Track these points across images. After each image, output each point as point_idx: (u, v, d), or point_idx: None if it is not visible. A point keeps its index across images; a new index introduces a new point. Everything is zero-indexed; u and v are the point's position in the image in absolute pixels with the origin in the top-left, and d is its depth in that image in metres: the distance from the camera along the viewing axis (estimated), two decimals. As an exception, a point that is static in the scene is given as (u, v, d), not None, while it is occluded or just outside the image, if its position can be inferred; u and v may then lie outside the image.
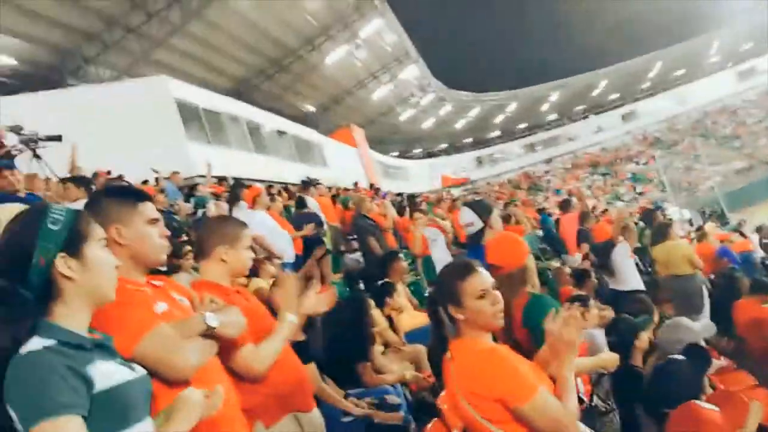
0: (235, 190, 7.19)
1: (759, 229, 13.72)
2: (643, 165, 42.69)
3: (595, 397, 2.82)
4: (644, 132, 48.67)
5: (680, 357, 2.86)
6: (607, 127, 51.02)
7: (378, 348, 4.16)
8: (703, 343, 3.04)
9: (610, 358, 2.81)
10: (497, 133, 51.11)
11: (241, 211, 6.19)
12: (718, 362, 4.13)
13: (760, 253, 10.80)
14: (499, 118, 47.54)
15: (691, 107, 48.87)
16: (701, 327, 3.10)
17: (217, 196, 9.59)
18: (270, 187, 12.35)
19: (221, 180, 12.43)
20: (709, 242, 9.46)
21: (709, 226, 11.79)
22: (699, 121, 47.40)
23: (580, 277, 6.06)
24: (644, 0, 47.87)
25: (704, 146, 38.97)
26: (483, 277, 1.99)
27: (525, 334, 2.50)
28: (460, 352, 1.92)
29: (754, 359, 5.61)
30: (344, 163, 25.41)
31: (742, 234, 13.65)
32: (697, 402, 2.59)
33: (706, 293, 6.47)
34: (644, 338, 3.28)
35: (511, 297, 2.21)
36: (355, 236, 8.34)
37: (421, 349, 4.17)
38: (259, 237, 4.96)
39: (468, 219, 3.70)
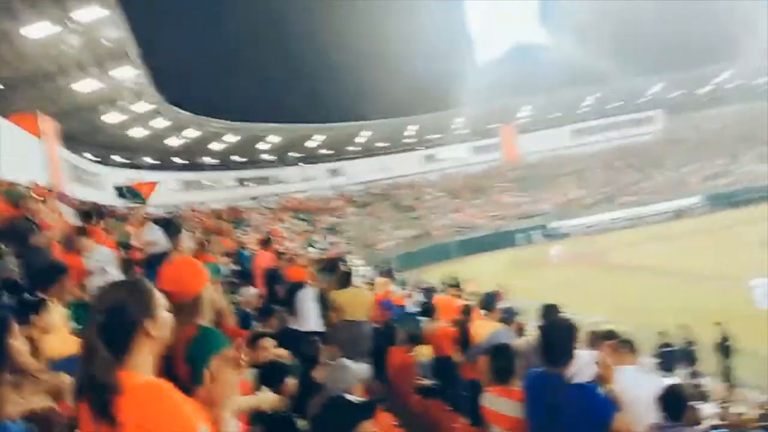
0: None
1: (416, 288, 16.08)
2: (339, 218, 46.81)
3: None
4: (344, 190, 53.80)
5: (349, 396, 3.03)
6: (314, 178, 54.83)
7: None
8: (359, 384, 3.29)
9: (269, 398, 2.81)
10: (213, 160, 50.14)
11: None
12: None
13: (412, 308, 12.57)
14: (217, 146, 46.78)
15: (387, 175, 56.18)
16: (360, 369, 3.36)
17: None
18: None
19: None
20: (377, 293, 10.68)
21: (379, 280, 13.32)
22: (390, 189, 54.61)
23: (262, 313, 6.12)
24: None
25: (390, 212, 44.75)
26: None
27: (186, 370, 2.31)
28: (125, 384, 1.65)
29: (399, 402, 6.39)
30: (20, 153, 21.50)
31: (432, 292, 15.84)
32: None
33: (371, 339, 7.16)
34: (291, 383, 3.45)
35: (178, 328, 2.01)
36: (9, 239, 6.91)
37: (64, 380, 3.55)
38: None
39: (152, 237, 3.38)
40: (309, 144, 53.95)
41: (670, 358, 12.94)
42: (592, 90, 56.83)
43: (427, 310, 7.57)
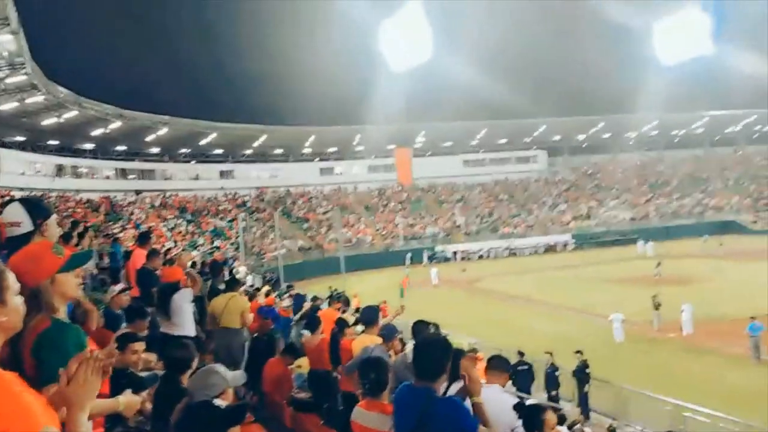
0: None
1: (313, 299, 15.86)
2: (227, 222, 45.23)
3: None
4: (236, 193, 52.14)
5: (218, 401, 2.88)
6: (204, 177, 52.66)
7: None
8: (229, 391, 3.14)
9: (128, 401, 2.60)
10: (91, 146, 46.41)
11: None
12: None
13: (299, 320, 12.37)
14: (97, 131, 43.35)
15: (281, 183, 55.27)
16: (232, 376, 3.20)
17: None
18: None
19: None
20: (259, 302, 10.39)
21: (264, 289, 13.00)
22: (283, 197, 53.76)
23: (132, 314, 5.69)
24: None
25: (280, 220, 43.93)
26: None
27: (31, 363, 2.07)
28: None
29: (271, 413, 6.20)
30: None
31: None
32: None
33: (247, 348, 6.92)
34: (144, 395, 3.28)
35: (26, 319, 1.79)
36: None
37: None
38: None
39: (15, 217, 3.01)
40: (202, 142, 51.76)
41: (525, 377, 13.48)
42: (484, 124, 60.10)
43: (311, 322, 7.47)
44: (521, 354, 13.85)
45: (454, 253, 48.15)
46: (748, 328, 16.36)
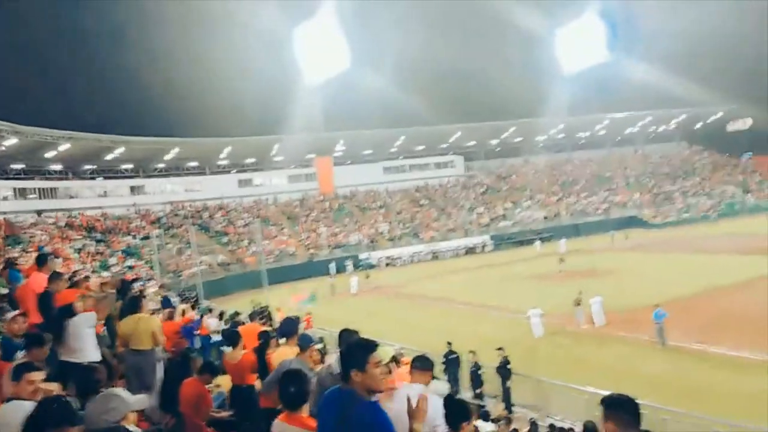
0: None
1: (220, 316, 15.36)
2: (141, 240, 43.10)
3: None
4: (148, 209, 49.82)
5: (131, 426, 2.73)
6: (113, 194, 49.98)
7: None
8: (132, 414, 2.94)
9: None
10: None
11: None
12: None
13: (216, 338, 11.94)
14: (-9, 150, 40.13)
15: (197, 197, 53.38)
16: (135, 399, 3.00)
17: None
18: None
19: None
20: (176, 321, 9.92)
21: (181, 307, 12.46)
22: (200, 211, 51.92)
23: (29, 342, 5.25)
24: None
25: (198, 235, 42.40)
26: None
27: None
28: None
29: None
30: None
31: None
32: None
33: (160, 370, 6.56)
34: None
35: None
36: None
37: None
38: None
39: None
40: (109, 157, 49.06)
41: (454, 364, 14.81)
42: (402, 132, 61.09)
43: (231, 338, 7.21)
44: (449, 344, 15.14)
45: (379, 259, 48.41)
46: (653, 315, 17.48)
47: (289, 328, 6.17)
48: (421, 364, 4.31)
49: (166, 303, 13.40)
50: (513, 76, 57.59)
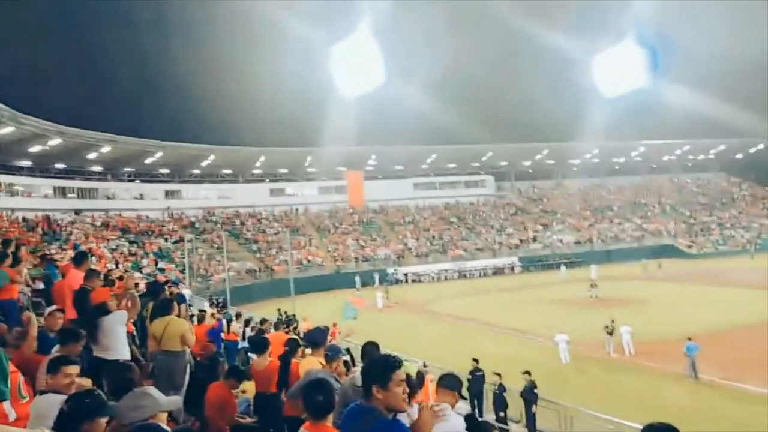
0: None
1: (246, 322, 15.53)
2: (173, 243, 43.90)
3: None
4: (182, 213, 50.80)
5: (158, 424, 2.79)
6: (149, 197, 51.14)
7: None
8: (162, 415, 2.99)
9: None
10: (28, 163, 44.41)
11: None
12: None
13: (244, 344, 12.08)
14: (35, 148, 41.55)
15: (229, 204, 54.24)
16: (167, 400, 3.06)
17: None
18: None
19: None
20: (206, 324, 10.06)
21: (209, 311, 12.64)
22: (231, 218, 52.73)
23: (65, 337, 5.40)
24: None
25: (229, 241, 42.99)
26: None
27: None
28: None
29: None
30: None
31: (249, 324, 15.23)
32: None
33: (188, 372, 6.66)
34: (101, 423, 3.05)
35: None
36: None
37: None
38: None
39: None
40: (147, 161, 50.36)
41: (479, 381, 14.58)
42: (433, 149, 61.13)
43: (259, 345, 7.27)
44: (476, 361, 14.98)
45: (405, 275, 48.28)
46: (684, 348, 17.01)
47: (319, 337, 6.19)
48: (449, 383, 4.24)
49: (181, 299, 13.35)
50: (548, 97, 57.20)
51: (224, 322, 13.82)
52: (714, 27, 48.27)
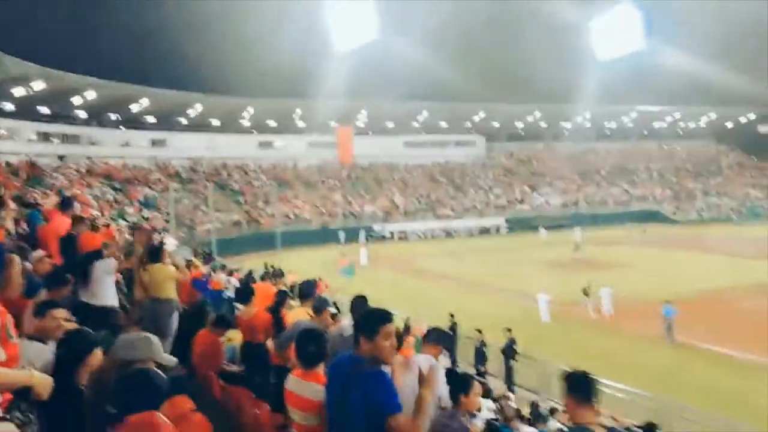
0: None
1: (231, 273, 15.61)
2: (158, 192, 43.54)
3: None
4: (168, 162, 50.19)
5: (153, 369, 2.81)
6: (134, 145, 50.35)
7: None
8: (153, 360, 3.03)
9: (42, 379, 2.46)
10: (11, 107, 43.31)
11: None
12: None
13: (229, 293, 12.16)
14: (19, 91, 40.45)
15: (216, 155, 53.61)
16: (164, 355, 3.12)
17: None
18: None
19: None
20: (191, 273, 10.07)
21: (195, 260, 12.64)
22: (218, 169, 52.24)
23: (53, 281, 5.37)
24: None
25: (214, 193, 42.71)
26: None
27: None
28: None
29: (200, 386, 6.04)
30: None
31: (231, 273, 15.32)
32: (157, 413, 2.56)
33: (176, 319, 6.70)
34: (98, 354, 3.02)
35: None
36: None
37: None
38: None
39: None
40: (133, 107, 49.32)
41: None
42: (424, 106, 60.47)
43: (245, 295, 7.31)
44: (452, 316, 16.13)
45: (392, 232, 48.51)
46: (662, 310, 17.41)
47: (309, 289, 6.24)
48: (435, 338, 4.36)
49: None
50: (543, 58, 56.40)
51: (210, 271, 13.87)
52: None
